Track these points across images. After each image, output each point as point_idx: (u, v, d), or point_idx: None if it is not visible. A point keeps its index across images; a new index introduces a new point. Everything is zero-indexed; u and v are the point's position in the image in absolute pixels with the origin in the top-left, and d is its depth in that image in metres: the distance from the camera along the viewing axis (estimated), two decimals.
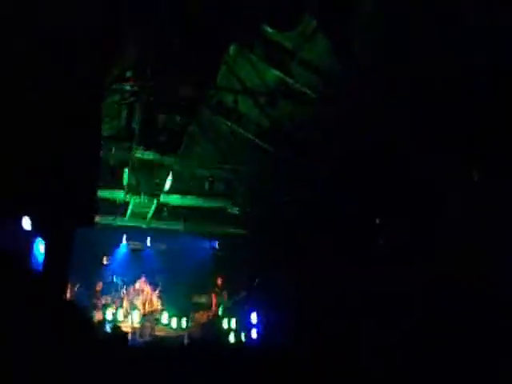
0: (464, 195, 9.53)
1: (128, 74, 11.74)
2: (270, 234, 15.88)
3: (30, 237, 8.11)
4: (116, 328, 13.00)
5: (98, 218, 13.78)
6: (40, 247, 8.33)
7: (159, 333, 17.55)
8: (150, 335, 16.98)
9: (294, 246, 14.46)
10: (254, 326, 17.15)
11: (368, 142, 11.09)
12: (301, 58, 11.05)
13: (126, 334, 13.83)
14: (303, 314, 13.44)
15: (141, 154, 13.64)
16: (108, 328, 15.70)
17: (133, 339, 16.10)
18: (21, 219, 8.08)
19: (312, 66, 11.18)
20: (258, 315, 17.12)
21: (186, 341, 16.52)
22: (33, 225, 8.10)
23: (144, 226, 18.35)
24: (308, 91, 11.53)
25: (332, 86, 11.22)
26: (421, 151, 9.95)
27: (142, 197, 16.03)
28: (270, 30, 10.21)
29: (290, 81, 11.56)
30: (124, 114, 13.88)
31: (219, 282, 19.12)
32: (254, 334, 16.95)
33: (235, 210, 16.76)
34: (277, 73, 11.57)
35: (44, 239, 8.37)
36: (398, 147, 10.44)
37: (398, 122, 10.19)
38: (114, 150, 13.66)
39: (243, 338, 17.22)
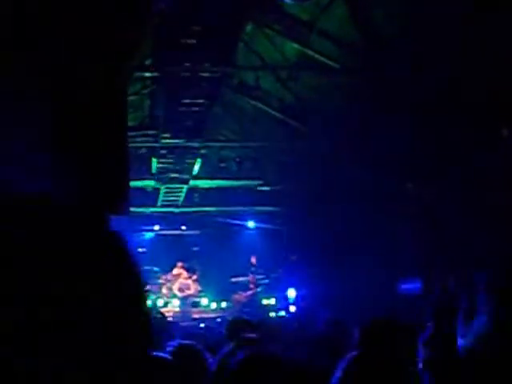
0: (493, 154, 9.40)
1: (147, 61, 11.70)
2: (303, 209, 15.84)
3: None
4: (159, 314, 13.07)
5: (131, 208, 13.83)
6: None
7: (198, 315, 17.68)
8: (191, 319, 17.10)
9: (328, 220, 14.40)
10: (293, 302, 17.17)
11: (392, 111, 10.94)
12: (319, 28, 10.88)
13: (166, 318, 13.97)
14: (342, 288, 13.41)
15: (167, 140, 13.64)
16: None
17: (175, 323, 16.21)
18: None
19: (331, 36, 11.02)
20: (296, 291, 17.13)
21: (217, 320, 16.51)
22: None
23: (176, 211, 18.42)
24: (329, 62, 11.37)
25: (353, 55, 11.06)
26: (447, 114, 9.80)
27: (172, 183, 16.09)
28: (285, 1, 10.05)
29: (310, 53, 11.40)
30: (147, 102, 13.86)
31: (253, 261, 19.18)
32: (292, 309, 16.95)
33: (265, 188, 16.73)
34: (296, 46, 11.44)
35: None
36: (424, 114, 10.29)
37: (424, 89, 10.01)
38: (140, 139, 13.67)
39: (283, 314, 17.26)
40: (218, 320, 16.31)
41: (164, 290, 18.55)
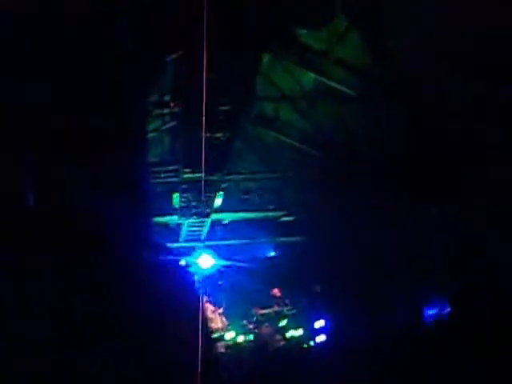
0: None
1: (166, 98, 11.77)
2: (325, 239, 15.76)
3: None
4: None
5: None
6: None
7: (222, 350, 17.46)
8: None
9: (350, 249, 14.34)
10: (321, 331, 16.93)
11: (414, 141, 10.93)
12: (335, 57, 10.93)
13: None
14: (372, 312, 13.32)
15: (188, 175, 13.66)
16: None
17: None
18: None
19: (347, 64, 11.04)
20: (325, 321, 16.91)
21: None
22: None
23: (199, 245, 18.35)
24: (346, 90, 11.39)
25: (369, 83, 11.08)
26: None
27: (194, 218, 16.05)
28: (301, 32, 10.10)
29: (327, 81, 11.43)
30: (167, 138, 13.93)
31: (276, 292, 18.96)
32: (321, 339, 16.69)
33: (287, 219, 16.68)
34: (313, 75, 11.46)
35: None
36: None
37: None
38: (162, 175, 13.73)
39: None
40: None
41: None
